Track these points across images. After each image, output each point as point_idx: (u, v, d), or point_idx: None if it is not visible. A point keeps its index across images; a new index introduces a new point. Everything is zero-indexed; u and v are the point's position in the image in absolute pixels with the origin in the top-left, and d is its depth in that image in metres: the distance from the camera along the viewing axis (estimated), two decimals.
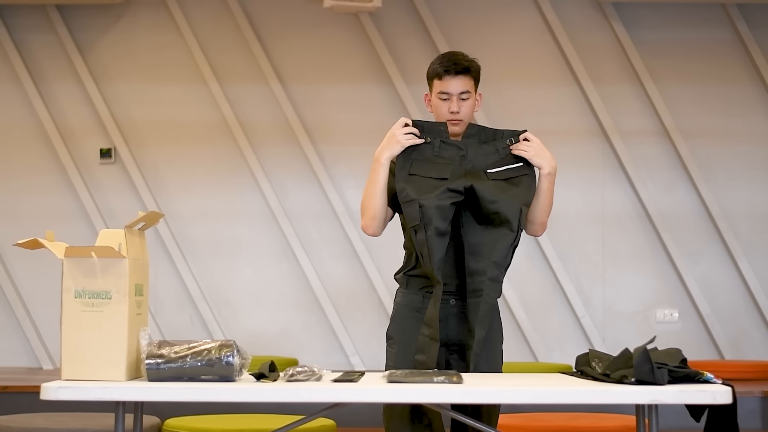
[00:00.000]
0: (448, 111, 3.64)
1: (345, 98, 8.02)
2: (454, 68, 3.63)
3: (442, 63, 3.65)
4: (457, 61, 3.64)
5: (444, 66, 3.63)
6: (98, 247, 2.92)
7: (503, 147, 3.66)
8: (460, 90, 3.63)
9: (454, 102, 3.63)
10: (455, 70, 3.63)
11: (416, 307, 3.51)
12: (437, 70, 3.65)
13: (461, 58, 3.66)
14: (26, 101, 8.01)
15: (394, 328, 3.57)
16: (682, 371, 2.94)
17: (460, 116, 3.64)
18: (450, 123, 3.64)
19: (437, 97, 3.66)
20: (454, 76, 3.63)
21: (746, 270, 7.90)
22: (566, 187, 7.98)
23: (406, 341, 3.49)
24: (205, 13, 8.08)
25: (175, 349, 2.88)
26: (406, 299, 3.55)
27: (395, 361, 3.49)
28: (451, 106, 3.63)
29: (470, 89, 3.67)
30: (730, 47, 8.06)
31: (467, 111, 3.66)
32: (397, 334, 3.54)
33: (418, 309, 3.50)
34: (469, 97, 3.66)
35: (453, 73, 3.62)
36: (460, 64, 3.64)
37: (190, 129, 8.05)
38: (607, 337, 7.88)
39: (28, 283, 7.92)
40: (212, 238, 8.01)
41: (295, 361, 7.08)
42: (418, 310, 3.50)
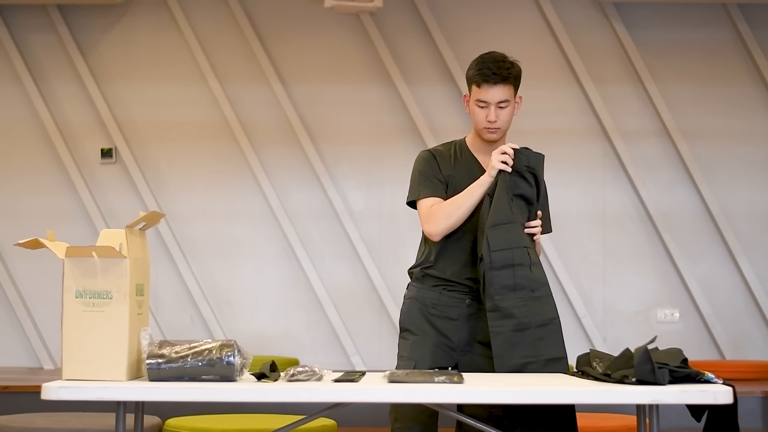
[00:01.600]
0: (485, 119, 3.53)
1: (346, 98, 8.02)
2: (493, 78, 3.51)
3: (482, 69, 3.53)
4: (497, 69, 3.51)
5: (483, 74, 3.51)
6: (99, 247, 2.92)
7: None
8: (499, 99, 3.52)
9: (492, 111, 3.52)
10: (494, 80, 3.51)
11: (432, 303, 3.53)
12: (476, 77, 3.54)
13: (501, 66, 3.53)
14: (27, 101, 8.01)
15: (409, 321, 3.58)
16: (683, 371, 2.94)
17: (498, 124, 3.54)
18: (487, 130, 3.55)
19: (475, 103, 3.55)
20: (493, 86, 3.51)
21: (747, 270, 7.90)
22: (567, 187, 7.99)
23: (421, 336, 3.50)
24: (206, 13, 8.08)
25: (176, 349, 2.88)
26: (421, 294, 3.57)
27: (411, 351, 3.50)
28: (488, 115, 3.53)
29: (509, 97, 3.55)
30: (730, 47, 8.06)
31: (505, 119, 3.56)
32: (414, 327, 3.55)
33: (434, 305, 3.53)
34: (507, 105, 3.55)
35: (492, 82, 3.51)
36: (500, 73, 3.51)
37: (190, 129, 8.05)
38: (607, 337, 7.88)
39: (28, 283, 7.92)
40: (213, 237, 8.01)
41: (296, 361, 7.08)
42: (434, 306, 3.53)
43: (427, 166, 3.59)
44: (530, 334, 3.32)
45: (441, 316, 3.52)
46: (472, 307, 3.51)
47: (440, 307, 3.53)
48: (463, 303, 3.51)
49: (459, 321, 3.50)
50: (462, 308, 3.51)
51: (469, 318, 3.50)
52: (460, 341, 3.50)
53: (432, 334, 3.51)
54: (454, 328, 3.50)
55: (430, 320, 3.52)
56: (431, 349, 3.47)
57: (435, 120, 7.82)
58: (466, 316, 3.50)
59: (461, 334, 3.49)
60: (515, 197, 3.45)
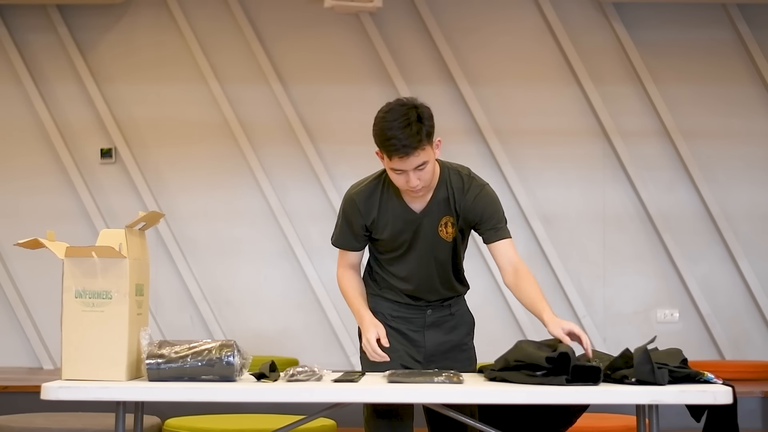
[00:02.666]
0: (406, 184, 3.24)
1: (345, 98, 8.02)
2: (404, 150, 3.15)
3: (389, 141, 3.14)
4: (406, 139, 3.13)
5: (393, 148, 3.15)
6: (99, 247, 2.92)
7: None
8: (416, 165, 3.19)
9: (411, 176, 3.21)
10: (405, 152, 3.15)
11: (390, 315, 3.47)
12: (384, 148, 3.18)
13: (409, 132, 3.13)
14: (27, 101, 8.01)
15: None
16: (683, 371, 2.94)
17: (420, 185, 3.24)
18: (411, 193, 3.30)
19: (389, 169, 3.25)
20: (406, 158, 3.17)
21: (747, 270, 7.90)
22: (567, 187, 7.99)
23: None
24: (206, 13, 8.08)
25: (175, 349, 2.88)
26: (379, 306, 3.50)
27: (371, 367, 3.39)
28: (409, 181, 3.22)
29: (426, 158, 3.20)
30: (730, 47, 8.05)
31: (428, 177, 3.25)
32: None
33: (394, 317, 3.47)
34: (426, 165, 3.22)
35: (403, 155, 3.16)
36: (410, 143, 3.14)
37: (190, 129, 8.05)
38: (607, 337, 7.88)
39: (28, 282, 7.92)
40: (213, 237, 8.01)
41: (295, 361, 7.08)
42: (394, 318, 3.47)
43: (346, 217, 3.43)
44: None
45: (401, 328, 3.45)
46: (433, 316, 3.48)
47: (399, 320, 3.46)
48: (423, 313, 3.48)
49: (421, 332, 3.46)
50: (423, 318, 3.47)
51: (432, 326, 3.48)
52: (427, 345, 3.46)
53: (396, 346, 3.41)
54: (416, 339, 3.46)
55: (391, 328, 3.43)
56: (396, 365, 3.37)
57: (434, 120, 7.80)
58: (428, 324, 3.47)
59: (426, 343, 3.46)
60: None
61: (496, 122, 7.93)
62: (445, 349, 3.48)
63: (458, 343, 3.50)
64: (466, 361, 3.49)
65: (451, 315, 3.51)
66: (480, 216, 3.39)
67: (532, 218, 7.90)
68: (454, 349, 3.49)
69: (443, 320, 3.50)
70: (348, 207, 3.43)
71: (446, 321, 3.50)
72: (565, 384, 2.84)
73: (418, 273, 3.45)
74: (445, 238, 3.42)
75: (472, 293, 3.61)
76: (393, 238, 3.42)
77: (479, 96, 7.95)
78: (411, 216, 3.40)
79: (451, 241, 3.44)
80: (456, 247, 3.46)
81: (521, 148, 7.96)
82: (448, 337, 3.49)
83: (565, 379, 2.86)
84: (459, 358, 3.47)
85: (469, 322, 3.57)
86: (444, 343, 3.48)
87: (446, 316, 3.50)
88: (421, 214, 3.40)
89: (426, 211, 3.39)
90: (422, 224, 3.40)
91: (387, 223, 3.40)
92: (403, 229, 3.41)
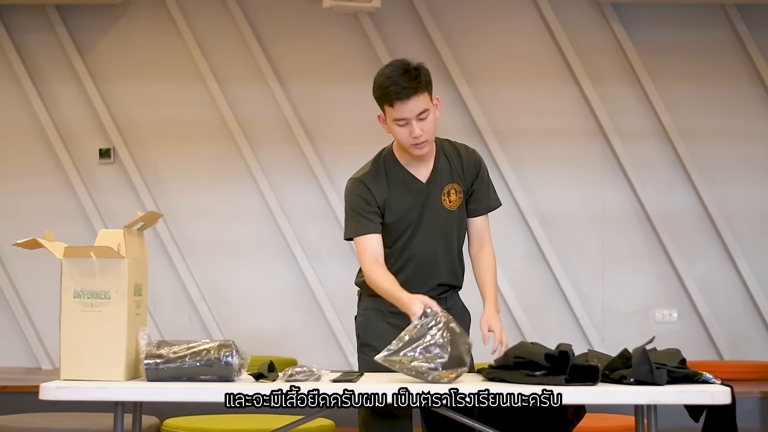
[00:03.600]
0: (409, 136, 3.31)
1: (344, 98, 8.01)
2: (405, 93, 3.26)
3: (390, 87, 3.27)
4: (406, 82, 3.26)
5: (393, 91, 3.26)
6: (97, 247, 2.92)
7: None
8: (418, 112, 3.28)
9: (414, 126, 3.29)
10: (406, 95, 3.26)
11: (389, 311, 3.42)
12: (386, 97, 3.29)
13: (407, 77, 3.27)
14: (25, 101, 8.01)
15: (369, 335, 3.48)
16: (681, 371, 2.94)
17: (424, 137, 3.32)
18: (415, 147, 3.35)
19: (394, 123, 3.32)
20: (407, 101, 3.27)
21: (745, 270, 7.90)
22: (565, 187, 8.00)
23: (381, 347, 3.44)
24: (205, 14, 8.08)
25: (174, 349, 2.88)
26: (377, 304, 3.46)
27: (368, 367, 3.38)
28: (412, 131, 3.30)
29: (427, 105, 3.30)
30: (729, 48, 8.06)
31: (430, 129, 3.32)
32: (374, 341, 3.43)
33: (392, 312, 3.41)
34: (428, 114, 3.31)
35: (404, 98, 3.26)
36: (410, 84, 3.26)
37: (189, 129, 8.05)
38: (606, 338, 7.88)
39: (27, 283, 7.92)
40: (211, 238, 8.00)
41: (294, 361, 7.08)
42: (392, 314, 3.42)
43: (357, 201, 3.43)
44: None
45: (398, 324, 3.37)
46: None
47: (396, 316, 3.39)
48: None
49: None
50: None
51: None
52: None
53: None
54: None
55: (388, 331, 3.39)
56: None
57: None
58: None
59: None
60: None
61: (495, 122, 7.93)
62: None
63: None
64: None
65: (447, 309, 3.50)
66: (475, 180, 3.48)
67: (530, 218, 7.90)
68: None
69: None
70: (358, 190, 3.45)
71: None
72: (563, 384, 2.84)
73: (423, 249, 3.42)
74: (449, 208, 3.46)
75: (472, 293, 3.61)
76: (402, 217, 3.44)
77: (478, 96, 7.95)
78: (418, 186, 3.45)
79: (455, 211, 3.47)
80: (459, 219, 3.48)
81: (520, 148, 7.96)
82: None
83: (563, 379, 2.86)
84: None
85: (466, 318, 3.56)
86: None
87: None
88: (427, 184, 3.45)
89: (431, 180, 3.45)
90: (429, 196, 3.44)
91: (398, 198, 3.42)
92: (412, 202, 3.44)
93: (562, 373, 2.88)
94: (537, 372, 2.92)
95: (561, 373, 2.88)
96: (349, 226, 3.50)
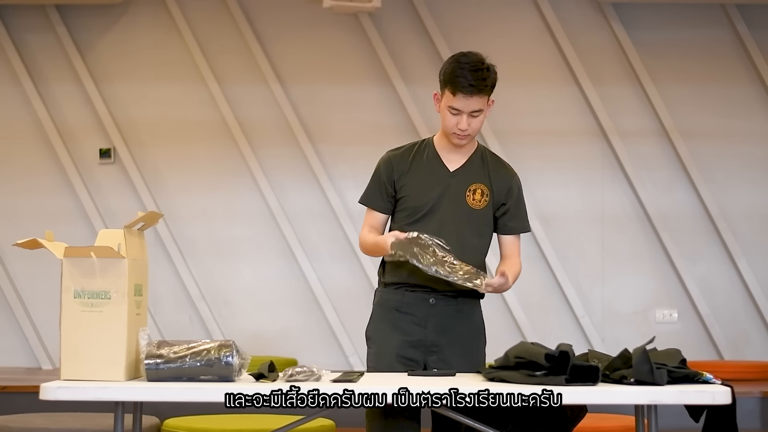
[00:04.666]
0: (456, 125, 3.42)
1: (344, 98, 8.01)
2: (470, 90, 3.36)
3: (459, 78, 3.36)
4: (475, 81, 3.36)
5: (460, 84, 3.36)
6: (97, 247, 2.92)
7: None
8: (473, 109, 3.40)
9: (464, 120, 3.40)
10: (470, 92, 3.37)
11: (395, 306, 3.46)
12: (451, 84, 3.38)
13: (478, 76, 3.36)
14: (25, 101, 8.01)
15: (372, 328, 3.53)
16: (682, 372, 2.94)
17: (468, 132, 3.43)
18: (456, 136, 3.44)
19: (447, 108, 3.41)
20: (469, 97, 3.38)
21: (745, 270, 7.90)
22: (565, 187, 8.00)
23: (384, 339, 3.45)
24: (205, 13, 8.08)
25: (174, 349, 2.88)
26: (385, 297, 3.50)
27: (375, 361, 3.45)
28: (460, 123, 3.40)
29: (483, 106, 3.41)
30: (729, 48, 8.06)
31: (476, 127, 3.44)
32: (375, 334, 3.50)
33: (398, 308, 3.46)
34: (481, 113, 3.43)
35: (467, 93, 3.37)
36: (477, 85, 3.36)
37: (189, 129, 8.05)
38: (606, 338, 7.88)
39: (27, 283, 7.92)
40: (211, 238, 8.01)
41: (294, 362, 7.08)
42: (398, 309, 3.46)
43: (378, 173, 3.54)
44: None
45: (406, 316, 3.45)
46: (438, 306, 3.45)
47: (405, 307, 3.46)
48: (426, 302, 3.45)
49: (425, 320, 3.43)
50: (427, 307, 3.44)
51: (436, 316, 3.45)
52: (428, 340, 3.43)
53: (396, 339, 3.43)
54: (420, 328, 3.44)
55: (395, 323, 3.44)
56: (393, 361, 3.38)
57: (433, 120, 7.82)
58: (432, 315, 3.45)
59: (428, 333, 3.44)
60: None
61: (495, 122, 7.92)
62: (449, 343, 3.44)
63: (466, 341, 3.47)
64: (474, 363, 3.44)
65: (457, 310, 3.47)
66: (506, 194, 3.53)
67: (531, 218, 7.81)
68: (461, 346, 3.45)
69: (448, 314, 3.46)
70: (381, 164, 3.54)
71: (451, 316, 3.46)
72: (564, 384, 2.84)
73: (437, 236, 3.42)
74: (473, 206, 3.48)
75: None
76: (418, 195, 3.46)
77: None
78: (443, 171, 3.49)
79: (481, 210, 3.48)
80: (480, 221, 3.48)
81: (520, 148, 7.96)
82: (454, 331, 3.45)
83: (564, 379, 2.86)
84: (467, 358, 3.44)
85: (478, 325, 3.53)
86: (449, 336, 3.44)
87: (452, 311, 3.46)
88: (453, 173, 3.48)
89: (459, 172, 3.49)
90: (451, 185, 3.47)
91: (417, 178, 3.47)
92: (432, 184, 3.47)
93: (563, 373, 2.88)
94: (537, 372, 2.92)
95: (561, 373, 2.88)
96: (365, 192, 3.58)
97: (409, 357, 3.43)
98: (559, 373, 2.88)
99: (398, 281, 3.48)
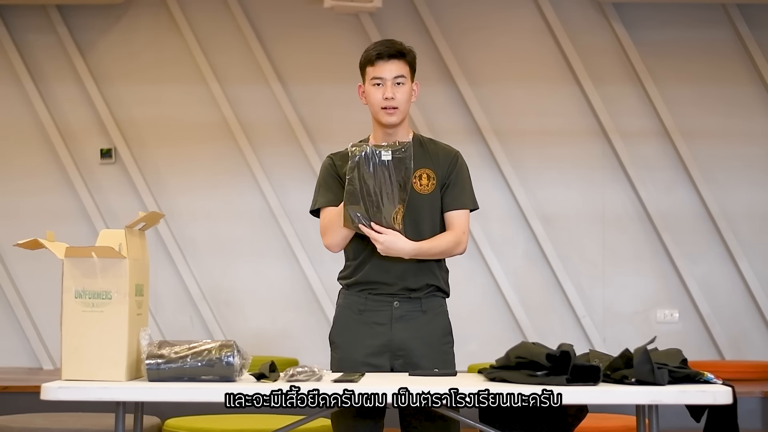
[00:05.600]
0: (382, 97, 3.43)
1: (345, 98, 8.00)
2: (387, 51, 3.44)
3: (375, 47, 3.47)
4: (390, 44, 3.47)
5: (376, 50, 3.45)
6: (98, 247, 2.92)
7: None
8: (395, 74, 3.44)
9: (388, 87, 3.42)
10: (388, 53, 3.44)
11: (358, 309, 3.43)
12: (369, 56, 3.46)
13: (394, 43, 3.48)
14: (27, 101, 8.01)
15: (335, 332, 3.49)
16: (683, 371, 2.94)
17: (395, 103, 3.43)
18: (385, 112, 3.43)
19: (370, 83, 3.45)
20: (388, 60, 3.44)
21: (746, 270, 7.90)
22: (566, 187, 7.99)
23: (348, 345, 3.42)
24: (206, 14, 8.08)
25: (175, 349, 2.88)
26: (348, 301, 3.46)
27: (339, 366, 3.41)
28: (385, 92, 3.42)
29: (406, 74, 3.47)
30: (730, 47, 8.06)
31: (403, 98, 3.45)
32: (339, 338, 3.47)
33: (361, 311, 3.43)
34: (404, 82, 3.46)
35: (386, 57, 3.44)
36: (394, 47, 3.46)
37: (190, 129, 8.05)
38: (607, 338, 7.88)
39: (28, 283, 7.92)
40: (212, 238, 8.01)
41: (295, 362, 7.08)
42: (361, 312, 3.42)
43: (324, 174, 3.56)
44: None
45: (368, 321, 3.40)
46: (401, 310, 3.40)
47: (367, 312, 3.41)
48: (390, 306, 3.40)
49: (388, 325, 3.39)
50: (390, 311, 3.40)
51: (399, 320, 3.39)
52: (393, 345, 3.38)
53: (360, 346, 3.40)
54: (383, 333, 3.39)
55: (357, 328, 3.41)
56: (357, 367, 3.35)
57: (434, 120, 7.82)
58: (395, 318, 3.39)
59: (393, 337, 3.38)
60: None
61: (496, 122, 7.92)
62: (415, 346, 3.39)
63: (433, 343, 3.42)
64: (443, 365, 3.39)
65: (422, 312, 3.44)
66: (452, 167, 3.48)
67: (531, 218, 7.89)
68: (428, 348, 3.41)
69: (413, 317, 3.41)
70: (323, 168, 3.59)
71: (416, 317, 3.42)
72: (565, 384, 2.84)
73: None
74: (421, 191, 3.44)
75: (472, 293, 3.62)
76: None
77: (479, 96, 7.95)
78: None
79: (430, 194, 3.44)
80: (431, 205, 3.43)
81: (521, 148, 7.96)
82: (419, 334, 3.40)
83: (565, 379, 2.86)
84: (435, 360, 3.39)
85: (445, 325, 3.47)
86: (415, 339, 3.39)
87: (416, 313, 3.42)
88: None
89: None
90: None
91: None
92: None
93: (564, 373, 2.88)
94: (538, 372, 2.92)
95: (562, 373, 2.88)
96: (316, 197, 3.64)
97: (373, 364, 3.37)
98: (561, 373, 2.88)
99: (362, 282, 3.44)
